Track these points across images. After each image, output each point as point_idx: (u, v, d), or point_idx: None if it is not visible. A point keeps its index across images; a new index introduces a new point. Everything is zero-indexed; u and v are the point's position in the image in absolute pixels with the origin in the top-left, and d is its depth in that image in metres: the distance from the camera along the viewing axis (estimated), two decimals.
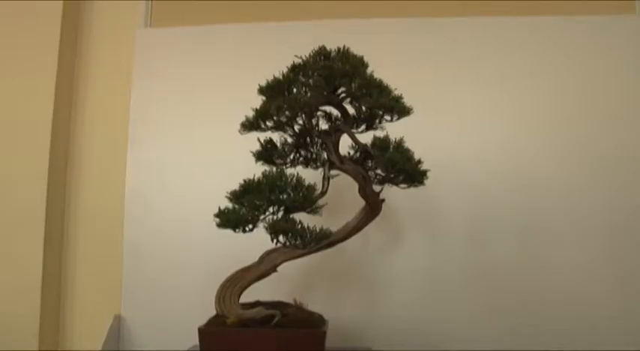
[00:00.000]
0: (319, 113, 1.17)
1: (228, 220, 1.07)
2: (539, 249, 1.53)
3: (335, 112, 1.18)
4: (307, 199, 1.08)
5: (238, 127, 1.15)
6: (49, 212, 1.60)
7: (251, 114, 1.14)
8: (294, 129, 1.16)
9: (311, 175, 1.16)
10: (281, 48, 1.31)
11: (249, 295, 1.16)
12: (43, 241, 1.58)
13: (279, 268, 1.15)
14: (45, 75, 1.66)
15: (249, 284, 1.14)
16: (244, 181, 1.11)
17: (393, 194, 1.21)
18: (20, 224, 1.58)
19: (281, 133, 1.17)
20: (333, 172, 1.14)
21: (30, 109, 1.64)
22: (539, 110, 1.60)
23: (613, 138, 1.56)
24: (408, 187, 1.15)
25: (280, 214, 1.09)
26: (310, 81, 1.13)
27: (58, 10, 1.69)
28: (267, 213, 1.09)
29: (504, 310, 1.51)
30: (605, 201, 1.53)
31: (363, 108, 1.15)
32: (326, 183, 1.13)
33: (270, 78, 1.15)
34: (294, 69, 1.15)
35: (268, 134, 1.18)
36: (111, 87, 1.76)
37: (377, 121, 1.16)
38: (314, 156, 1.19)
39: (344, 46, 1.15)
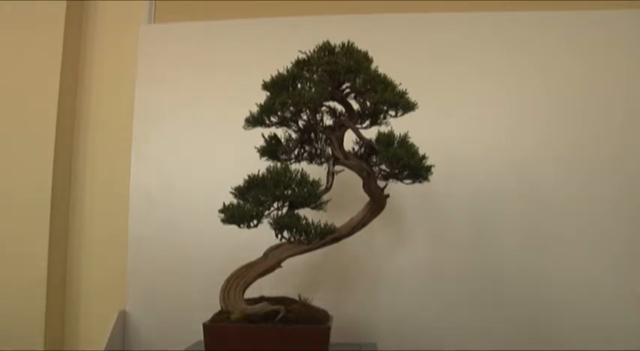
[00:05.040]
0: (323, 109, 1.16)
1: (233, 215, 1.07)
2: (544, 246, 1.53)
3: (339, 107, 1.18)
4: (312, 194, 1.08)
5: (243, 122, 1.15)
6: (53, 210, 1.61)
7: (255, 110, 1.14)
8: (298, 124, 1.16)
9: (315, 171, 1.16)
10: (285, 43, 1.31)
11: (254, 291, 1.16)
12: (48, 238, 1.58)
13: (283, 264, 1.16)
14: (49, 72, 1.66)
15: (253, 280, 1.14)
16: (249, 176, 1.11)
17: (398, 190, 1.21)
18: (25, 222, 1.59)
19: (285, 128, 1.17)
20: (338, 167, 1.14)
21: (34, 107, 1.64)
22: (545, 106, 1.59)
23: (621, 135, 1.55)
24: (413, 182, 1.14)
25: (285, 209, 1.09)
26: (314, 76, 1.12)
27: (61, 7, 1.69)
28: (272, 208, 1.09)
29: (508, 308, 1.51)
30: (611, 198, 1.53)
31: (368, 103, 1.14)
32: (330, 178, 1.12)
33: (275, 73, 1.14)
34: (299, 64, 1.14)
35: (272, 130, 1.18)
36: (115, 83, 1.76)
37: (381, 116, 1.16)
38: (318, 151, 1.19)
39: (348, 42, 1.14)
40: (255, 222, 1.08)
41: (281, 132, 1.19)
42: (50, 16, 1.68)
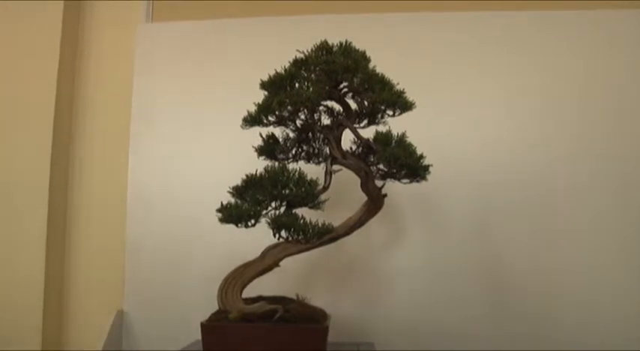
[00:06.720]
0: (321, 108, 1.16)
1: (231, 215, 1.07)
2: (543, 245, 1.53)
3: (337, 106, 1.18)
4: (309, 194, 1.08)
5: (240, 122, 1.15)
6: (51, 210, 1.61)
7: (253, 109, 1.14)
8: (296, 124, 1.16)
9: (313, 170, 1.16)
10: (283, 42, 1.31)
11: (251, 291, 1.16)
12: (45, 238, 1.58)
13: (281, 263, 1.15)
14: (47, 71, 1.66)
15: (251, 279, 1.14)
16: (246, 176, 1.11)
17: (396, 189, 1.20)
18: (23, 222, 1.59)
19: (283, 128, 1.17)
20: (336, 167, 1.14)
21: (32, 106, 1.64)
22: (545, 106, 1.59)
23: (621, 134, 1.55)
24: (410, 182, 1.14)
25: (282, 209, 1.09)
26: (312, 76, 1.12)
27: (59, 6, 1.69)
28: (270, 208, 1.09)
29: (507, 306, 1.51)
30: (611, 198, 1.52)
31: (365, 103, 1.14)
32: (328, 178, 1.13)
33: (272, 73, 1.14)
34: (296, 64, 1.14)
35: (270, 129, 1.18)
36: (112, 83, 1.76)
37: (379, 116, 1.16)
38: (316, 151, 1.19)
39: (346, 41, 1.14)
40: (252, 221, 1.08)
41: (279, 131, 1.19)
42: (47, 15, 1.68)
